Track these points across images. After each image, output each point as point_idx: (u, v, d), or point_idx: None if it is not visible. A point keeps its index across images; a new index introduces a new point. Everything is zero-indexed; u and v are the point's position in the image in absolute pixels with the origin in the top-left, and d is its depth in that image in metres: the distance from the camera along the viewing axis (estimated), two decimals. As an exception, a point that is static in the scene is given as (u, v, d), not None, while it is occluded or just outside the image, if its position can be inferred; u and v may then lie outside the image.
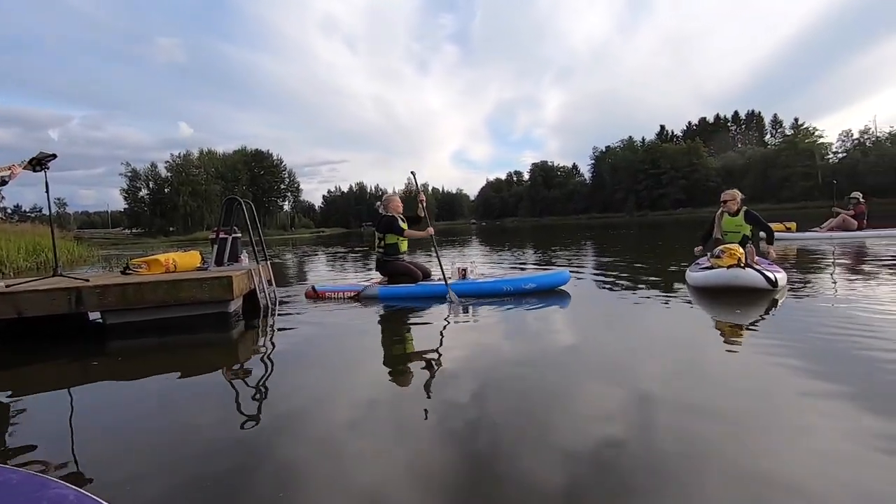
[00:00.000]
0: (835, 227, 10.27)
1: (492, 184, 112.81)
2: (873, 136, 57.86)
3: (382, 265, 5.61)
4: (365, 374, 2.90)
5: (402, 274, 5.49)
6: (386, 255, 5.53)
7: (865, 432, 1.74)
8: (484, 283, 5.25)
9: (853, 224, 10.09)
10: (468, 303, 4.75)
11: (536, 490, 1.50)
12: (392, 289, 5.31)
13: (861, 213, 10.17)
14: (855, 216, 10.16)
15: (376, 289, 5.30)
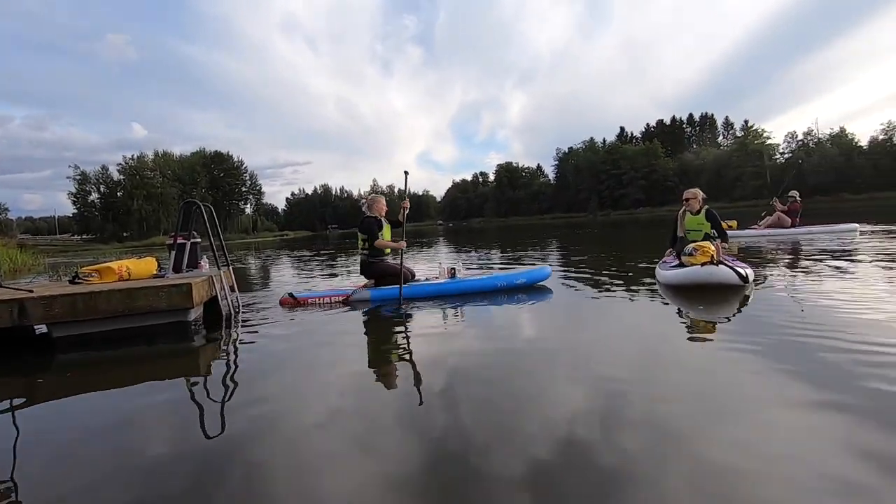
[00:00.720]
0: (771, 224, 10.82)
1: (458, 185, 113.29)
2: (815, 138, 61.31)
3: (368, 267, 5.37)
4: (334, 379, 2.82)
5: (389, 275, 5.29)
6: (371, 257, 5.32)
7: (822, 420, 1.81)
8: (478, 280, 5.37)
9: (787, 221, 10.66)
10: (444, 304, 4.78)
11: (509, 488, 1.51)
12: (383, 291, 5.16)
13: (795, 211, 10.76)
14: (789, 213, 10.73)
15: (367, 292, 5.17)
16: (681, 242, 5.30)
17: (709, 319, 3.65)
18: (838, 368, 2.32)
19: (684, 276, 4.59)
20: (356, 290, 5.19)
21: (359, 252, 5.46)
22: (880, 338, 2.70)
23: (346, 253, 16.06)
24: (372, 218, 5.35)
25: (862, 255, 6.37)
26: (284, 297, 5.23)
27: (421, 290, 5.19)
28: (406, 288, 5.07)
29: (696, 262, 4.51)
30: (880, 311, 3.31)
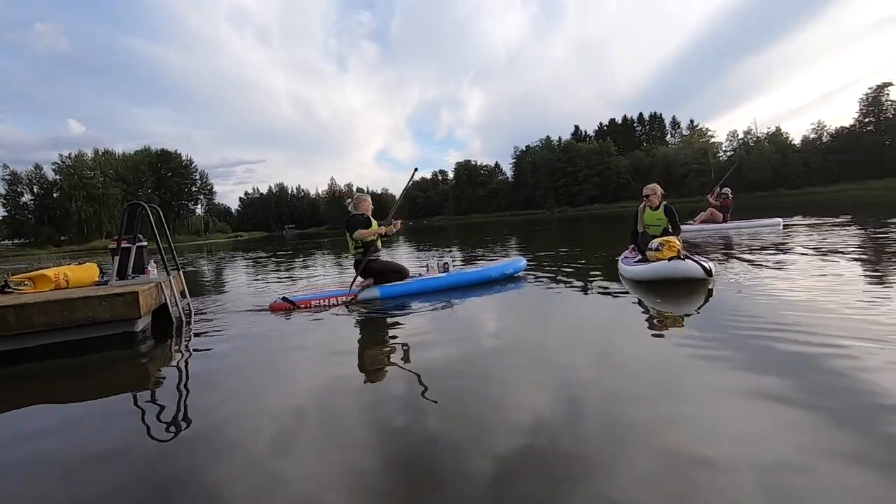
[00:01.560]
0: (705, 219, 11.36)
1: (417, 183, 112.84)
2: (754, 137, 65.00)
3: (366, 266, 5.19)
4: (293, 386, 2.73)
5: (391, 272, 5.25)
6: (368, 255, 5.17)
7: (768, 408, 1.88)
8: (472, 273, 5.56)
9: (719, 217, 11.22)
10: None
11: (471, 486, 1.53)
12: (392, 288, 5.12)
13: (727, 207, 11.34)
14: (721, 209, 11.29)
15: (376, 290, 5.07)
16: (641, 237, 5.40)
17: (672, 313, 3.73)
18: (781, 357, 2.43)
19: (652, 271, 4.62)
20: (361, 290, 5.06)
21: (352, 251, 5.31)
22: (822, 328, 2.85)
23: (305, 253, 15.67)
24: (358, 215, 5.26)
25: (794, 248, 6.76)
26: (277, 303, 4.91)
27: (420, 285, 5.22)
28: (405, 285, 5.16)
29: (664, 257, 4.56)
30: (821, 302, 3.50)
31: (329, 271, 9.16)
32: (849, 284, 4.01)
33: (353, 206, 5.42)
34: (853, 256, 5.49)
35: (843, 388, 2.02)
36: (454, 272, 5.50)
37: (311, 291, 5.28)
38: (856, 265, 4.94)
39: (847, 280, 4.20)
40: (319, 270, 9.50)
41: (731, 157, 64.02)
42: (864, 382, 2.04)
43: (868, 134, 53.90)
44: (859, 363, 2.25)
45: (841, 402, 1.90)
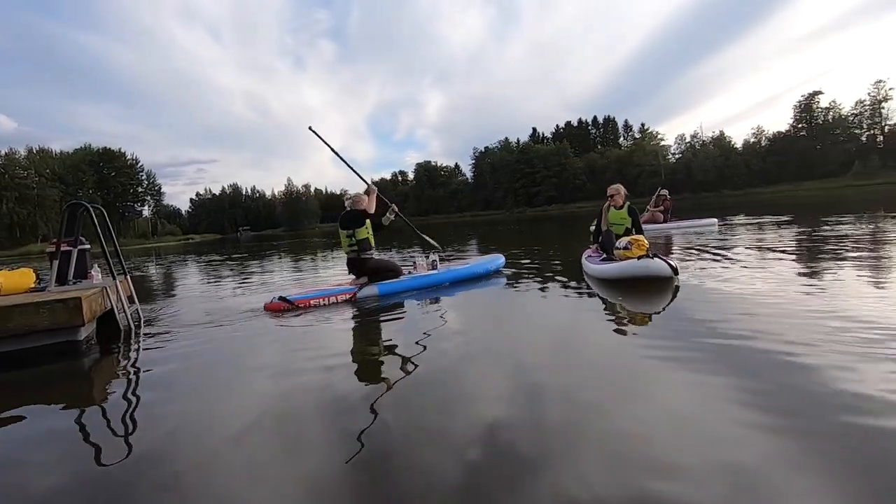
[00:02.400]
0: (646, 220, 11.80)
1: (376, 184, 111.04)
2: (700, 140, 68.32)
3: (361, 264, 5.19)
4: (251, 392, 2.59)
5: (385, 270, 5.27)
6: (363, 253, 5.19)
7: (715, 398, 1.95)
8: (462, 269, 5.73)
9: (660, 217, 11.76)
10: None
11: (433, 484, 1.54)
12: (389, 285, 5.15)
13: (667, 209, 11.89)
14: (661, 211, 11.84)
15: (375, 288, 5.07)
16: (605, 236, 5.50)
17: (640, 311, 3.79)
18: (741, 357, 2.51)
19: (621, 270, 4.64)
20: (361, 288, 5.04)
21: (346, 249, 5.27)
22: (777, 328, 3.00)
23: (261, 256, 15.20)
24: (357, 210, 5.24)
25: (748, 246, 7.13)
26: (274, 303, 4.74)
27: (416, 282, 5.29)
28: (400, 282, 5.23)
29: (633, 256, 4.60)
30: (769, 297, 3.69)
31: (286, 275, 8.91)
32: (796, 281, 4.25)
33: (352, 204, 5.39)
34: (801, 253, 5.85)
35: (789, 385, 2.12)
36: (443, 269, 5.65)
37: (308, 290, 5.15)
38: (803, 262, 5.25)
39: (794, 277, 4.45)
40: (277, 275, 9.23)
41: (680, 158, 67.07)
42: (808, 381, 2.14)
43: (801, 139, 57.79)
44: (806, 360, 2.36)
45: (788, 399, 1.99)
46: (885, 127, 54.62)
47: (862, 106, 55.56)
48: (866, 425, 1.65)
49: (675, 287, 4.28)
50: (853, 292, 3.58)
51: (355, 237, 5.19)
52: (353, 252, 5.22)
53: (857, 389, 1.91)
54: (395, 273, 5.33)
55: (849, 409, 1.77)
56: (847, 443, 1.57)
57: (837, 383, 1.99)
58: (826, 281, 4.11)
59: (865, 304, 3.18)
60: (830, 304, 3.24)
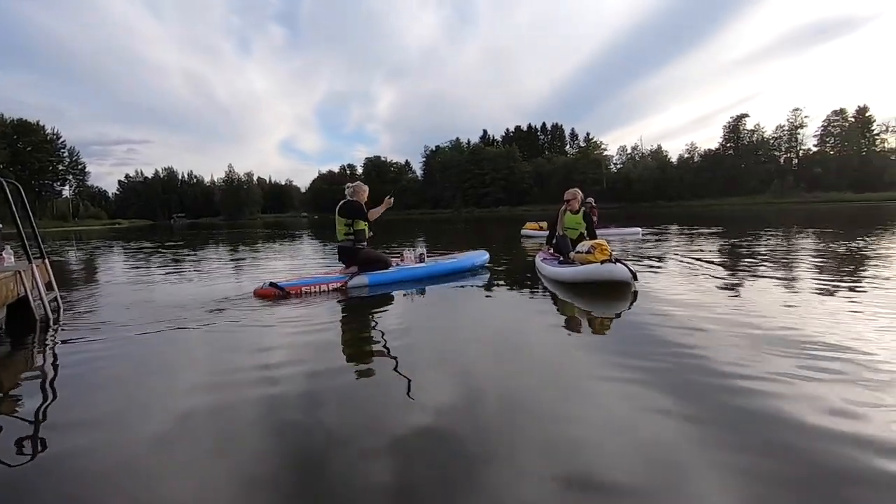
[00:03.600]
0: None
1: (324, 176, 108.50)
2: (640, 152, 72.00)
3: (353, 254, 5.27)
4: (178, 390, 2.46)
5: (375, 261, 5.38)
6: (358, 243, 5.28)
7: (643, 397, 2.07)
8: (449, 263, 5.86)
9: None
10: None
11: (369, 484, 1.53)
12: (379, 276, 5.23)
13: (594, 214, 12.35)
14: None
15: (364, 278, 5.14)
16: (561, 240, 5.62)
17: (596, 313, 3.84)
18: (668, 355, 2.67)
19: (584, 273, 4.65)
20: (352, 277, 5.10)
21: (341, 237, 5.30)
22: (700, 324, 3.22)
23: (197, 246, 14.40)
24: (354, 201, 5.30)
25: (667, 254, 7.58)
26: (264, 289, 4.71)
27: (405, 274, 5.41)
28: (390, 273, 5.33)
29: (596, 260, 4.62)
30: (700, 302, 3.94)
31: (225, 266, 8.51)
32: (732, 288, 4.57)
33: (352, 193, 5.40)
34: (733, 263, 6.28)
35: (720, 394, 2.27)
36: (430, 263, 5.79)
37: (299, 278, 5.18)
38: (734, 271, 5.64)
39: (730, 285, 4.78)
40: (215, 265, 8.79)
41: (621, 168, 70.31)
42: (734, 385, 2.31)
43: (729, 157, 62.14)
44: (729, 364, 2.54)
45: (719, 406, 2.14)
46: (799, 151, 60.06)
47: (781, 130, 60.65)
48: (765, 412, 1.81)
49: (634, 292, 4.35)
50: (771, 299, 3.89)
51: (354, 227, 5.24)
52: (348, 241, 5.27)
53: (770, 388, 2.08)
54: (384, 265, 5.42)
55: (757, 404, 1.92)
56: (749, 429, 1.71)
57: (755, 385, 2.16)
58: (755, 290, 4.44)
59: (776, 309, 3.47)
60: (757, 312, 3.50)
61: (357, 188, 5.44)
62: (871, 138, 55.05)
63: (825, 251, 7.16)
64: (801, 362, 2.37)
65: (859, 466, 1.50)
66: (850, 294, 3.99)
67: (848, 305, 3.57)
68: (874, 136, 55.09)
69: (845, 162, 53.80)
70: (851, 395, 1.99)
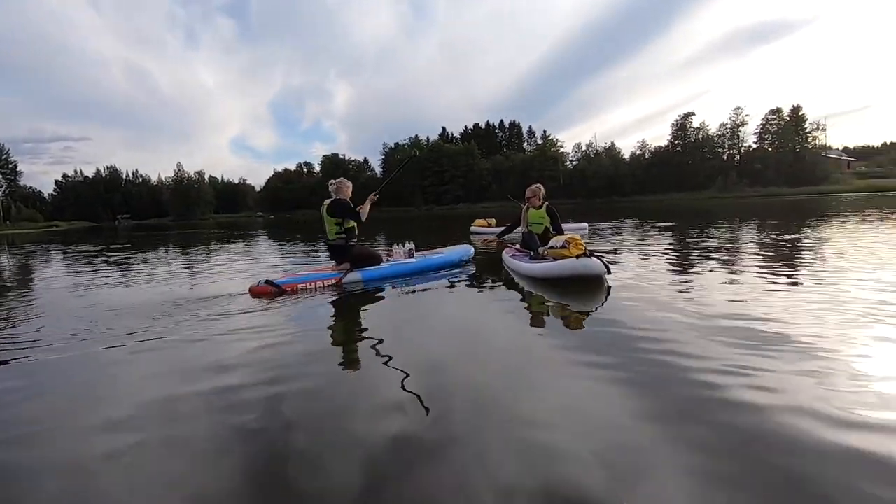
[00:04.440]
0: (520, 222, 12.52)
1: (280, 174, 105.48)
2: (594, 150, 74.00)
3: (345, 251, 5.34)
4: (129, 396, 2.32)
5: (367, 257, 5.46)
6: (350, 240, 5.34)
7: (604, 388, 2.13)
8: (438, 258, 5.98)
9: None
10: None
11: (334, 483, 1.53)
12: (373, 271, 5.32)
13: None
14: None
15: (358, 274, 5.22)
16: (528, 236, 5.68)
17: (568, 307, 3.88)
18: (625, 345, 2.76)
19: (560, 268, 4.63)
20: (346, 273, 5.18)
21: (333, 236, 5.33)
22: (661, 318, 3.32)
23: (146, 247, 13.70)
24: (342, 200, 5.31)
25: (621, 247, 7.84)
26: (260, 286, 4.73)
27: (397, 269, 5.51)
28: (382, 269, 5.40)
29: (571, 255, 4.62)
30: (664, 298, 4.08)
31: (176, 270, 8.13)
32: (696, 281, 4.74)
33: (336, 191, 5.42)
34: (695, 256, 6.53)
35: (678, 384, 2.35)
36: (419, 258, 5.95)
37: (294, 275, 5.23)
38: (697, 264, 5.87)
39: (691, 278, 4.96)
40: (163, 269, 8.38)
41: (577, 165, 72.11)
42: (690, 375, 2.40)
43: (677, 154, 64.83)
44: (687, 355, 2.64)
45: (673, 393, 2.21)
46: (741, 148, 63.42)
47: (725, 128, 63.87)
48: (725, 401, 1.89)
49: (608, 287, 4.40)
50: (721, 288, 4.08)
51: (344, 225, 5.29)
52: (340, 239, 5.32)
53: (730, 381, 2.17)
54: (375, 260, 5.50)
55: (714, 396, 2.01)
56: (711, 423, 1.78)
57: (713, 377, 2.24)
58: (712, 281, 4.61)
59: (725, 298, 3.63)
60: (714, 302, 3.65)
61: (340, 185, 5.44)
62: (804, 136, 58.77)
63: (769, 242, 7.60)
64: (764, 352, 2.49)
65: (807, 438, 1.60)
66: (796, 282, 4.22)
67: (793, 291, 3.78)
68: (807, 134, 58.86)
69: (782, 158, 57.21)
70: (809, 384, 2.10)
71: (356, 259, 5.37)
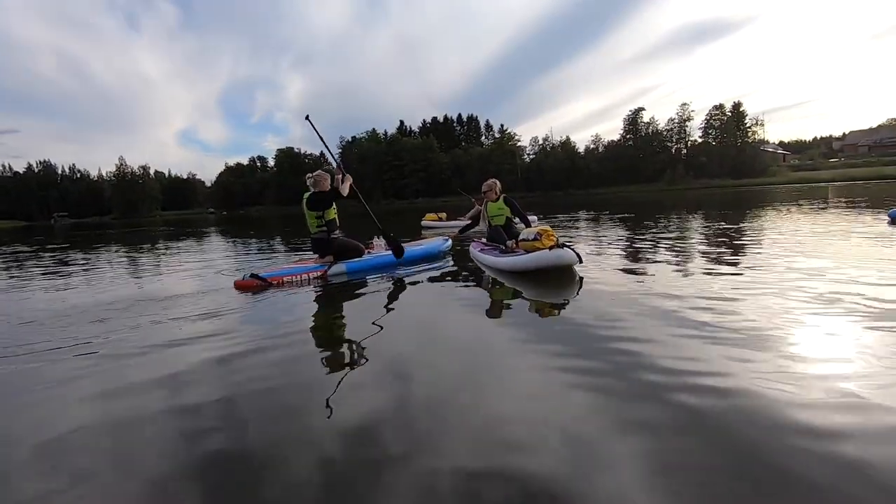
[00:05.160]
0: (472, 215, 12.63)
1: (232, 169, 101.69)
2: (550, 143, 75.49)
3: (327, 244, 5.38)
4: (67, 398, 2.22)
5: (350, 249, 5.50)
6: (332, 233, 5.40)
7: (563, 381, 2.17)
8: (419, 249, 6.17)
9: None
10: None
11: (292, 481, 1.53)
12: (357, 263, 5.41)
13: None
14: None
15: (342, 266, 5.30)
16: (493, 230, 5.75)
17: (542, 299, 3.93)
18: (585, 335, 2.82)
19: (534, 260, 4.61)
20: (330, 265, 5.26)
21: (314, 230, 5.40)
22: (619, 310, 3.42)
23: (86, 247, 12.89)
24: (320, 192, 5.35)
25: (579, 239, 8.05)
26: (244, 280, 4.81)
27: (380, 261, 5.64)
28: (365, 260, 5.52)
29: (543, 246, 4.61)
30: (622, 289, 4.20)
31: (119, 270, 7.69)
32: (661, 271, 4.89)
33: (314, 184, 5.45)
34: (651, 245, 6.74)
35: (639, 372, 2.43)
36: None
37: (280, 268, 5.28)
38: (653, 254, 6.06)
39: (657, 268, 5.11)
40: (107, 273, 7.92)
41: (534, 159, 73.36)
42: (649, 363, 2.48)
43: (629, 147, 67.12)
44: (644, 341, 2.73)
45: (633, 383, 2.28)
46: (688, 142, 66.32)
47: (672, 123, 66.62)
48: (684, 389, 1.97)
49: (580, 277, 4.43)
50: (673, 277, 4.25)
51: (325, 218, 5.34)
52: (321, 232, 5.38)
53: (682, 366, 2.26)
54: (358, 252, 5.56)
55: (672, 382, 2.08)
56: (665, 410, 1.85)
57: (666, 362, 2.33)
58: (664, 270, 4.77)
59: (676, 286, 3.79)
60: (668, 291, 3.78)
61: (318, 178, 5.47)
62: (744, 130, 62.11)
63: (715, 231, 7.98)
64: (712, 337, 2.60)
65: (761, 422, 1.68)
66: (738, 270, 4.45)
67: (735, 278, 3.98)
68: (747, 129, 62.23)
69: (725, 152, 60.29)
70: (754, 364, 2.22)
71: (339, 251, 5.43)
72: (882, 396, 1.85)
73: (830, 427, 1.66)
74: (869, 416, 1.73)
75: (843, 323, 2.75)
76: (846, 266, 4.28)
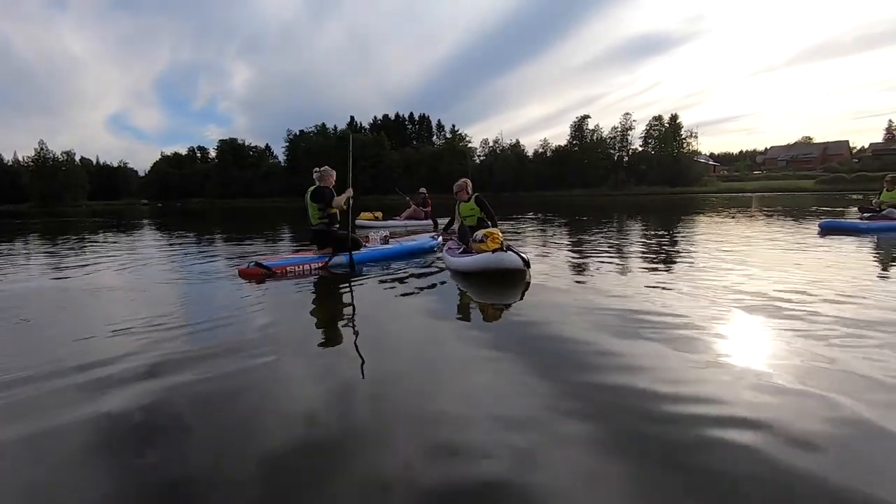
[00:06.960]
0: (409, 216, 12.73)
1: (169, 158, 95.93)
2: (500, 146, 76.84)
3: (326, 236, 5.64)
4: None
5: (348, 241, 5.60)
6: (332, 225, 5.65)
7: (514, 379, 2.23)
8: (413, 244, 6.63)
9: (421, 213, 12.67)
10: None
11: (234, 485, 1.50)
12: (356, 255, 5.51)
13: (426, 205, 12.89)
14: (422, 207, 12.78)
15: (341, 258, 5.45)
16: (461, 230, 5.80)
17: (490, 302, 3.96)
18: (528, 335, 2.91)
19: (478, 262, 4.67)
20: (332, 256, 5.49)
21: (315, 221, 5.65)
22: (566, 314, 3.52)
23: (18, 237, 11.75)
24: (324, 187, 5.63)
25: (528, 241, 8.26)
26: (247, 268, 4.99)
27: (378, 253, 6.05)
28: (365, 252, 5.84)
29: (488, 249, 4.63)
30: (563, 285, 4.33)
31: (40, 260, 7.08)
32: (606, 272, 5.06)
33: (319, 178, 5.74)
34: (597, 248, 6.97)
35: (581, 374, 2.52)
36: (394, 244, 6.50)
37: (283, 257, 5.47)
38: (597, 256, 6.28)
39: (598, 269, 5.29)
40: (31, 265, 7.27)
41: (484, 160, 74.36)
42: (595, 365, 2.58)
43: (575, 153, 69.45)
44: (596, 344, 2.84)
45: (577, 384, 2.36)
46: (629, 150, 69.60)
47: (615, 131, 69.63)
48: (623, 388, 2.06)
49: (527, 282, 4.46)
50: (614, 279, 4.44)
51: (327, 210, 5.59)
52: (322, 224, 5.63)
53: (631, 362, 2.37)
54: (355, 245, 5.69)
55: (617, 385, 2.18)
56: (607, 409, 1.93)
57: (600, 359, 2.43)
58: (606, 272, 5.00)
59: (616, 287, 3.97)
60: (608, 292, 3.95)
61: (324, 173, 5.75)
62: (680, 141, 65.91)
63: (653, 235, 8.44)
64: (645, 336, 2.74)
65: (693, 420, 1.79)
66: (673, 272, 4.72)
67: (670, 280, 4.22)
68: (682, 140, 66.07)
69: (662, 161, 63.69)
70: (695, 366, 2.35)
71: (338, 243, 5.61)
72: (801, 387, 2.03)
73: (755, 419, 1.80)
74: (787, 403, 1.90)
75: (765, 320, 2.99)
76: (774, 270, 4.70)
